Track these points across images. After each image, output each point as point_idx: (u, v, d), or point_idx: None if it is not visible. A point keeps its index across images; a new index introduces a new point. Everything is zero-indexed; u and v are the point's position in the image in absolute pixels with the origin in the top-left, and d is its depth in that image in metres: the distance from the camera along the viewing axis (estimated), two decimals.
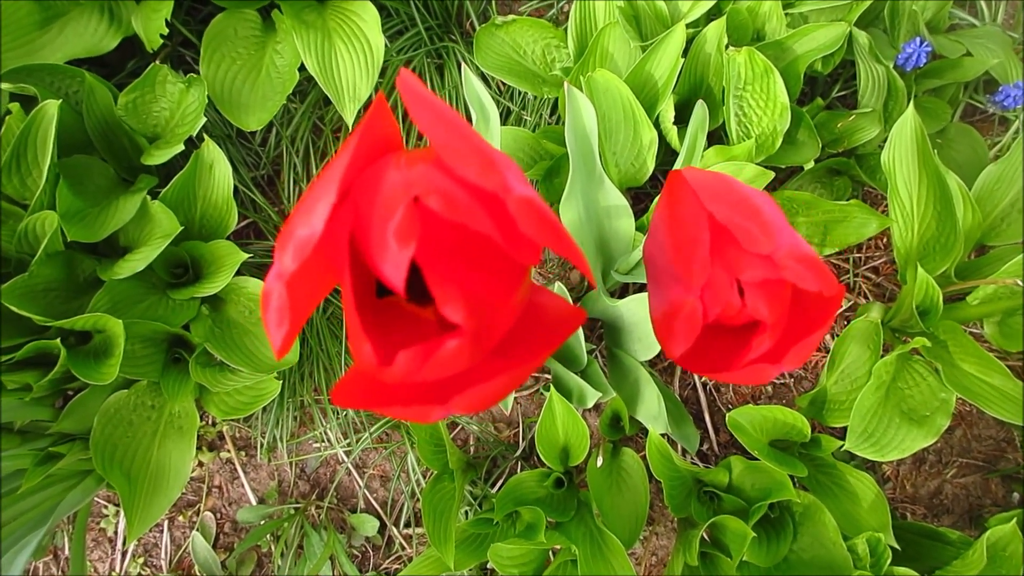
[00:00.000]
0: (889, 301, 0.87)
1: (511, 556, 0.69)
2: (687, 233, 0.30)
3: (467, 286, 0.22)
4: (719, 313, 0.29)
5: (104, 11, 0.76)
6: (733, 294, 0.29)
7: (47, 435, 0.72)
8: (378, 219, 0.21)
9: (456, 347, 0.21)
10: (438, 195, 0.20)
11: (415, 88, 0.22)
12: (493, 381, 0.23)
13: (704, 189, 0.29)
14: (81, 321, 0.66)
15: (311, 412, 0.88)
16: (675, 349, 0.30)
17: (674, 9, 0.77)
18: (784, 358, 0.28)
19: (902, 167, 0.70)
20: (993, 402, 0.67)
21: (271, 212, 0.89)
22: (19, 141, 0.66)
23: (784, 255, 0.27)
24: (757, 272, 0.28)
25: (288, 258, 0.20)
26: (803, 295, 0.29)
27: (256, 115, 0.77)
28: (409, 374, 0.21)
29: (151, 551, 0.90)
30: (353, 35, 0.78)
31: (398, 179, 0.21)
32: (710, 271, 0.29)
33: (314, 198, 0.21)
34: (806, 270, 0.26)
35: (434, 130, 0.21)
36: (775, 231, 0.27)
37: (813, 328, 0.28)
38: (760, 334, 0.28)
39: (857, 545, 0.64)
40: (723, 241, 0.29)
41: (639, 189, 0.85)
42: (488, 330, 0.22)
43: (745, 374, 0.29)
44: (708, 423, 0.86)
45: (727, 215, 0.28)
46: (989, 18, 0.91)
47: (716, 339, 0.31)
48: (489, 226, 0.21)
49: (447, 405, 0.23)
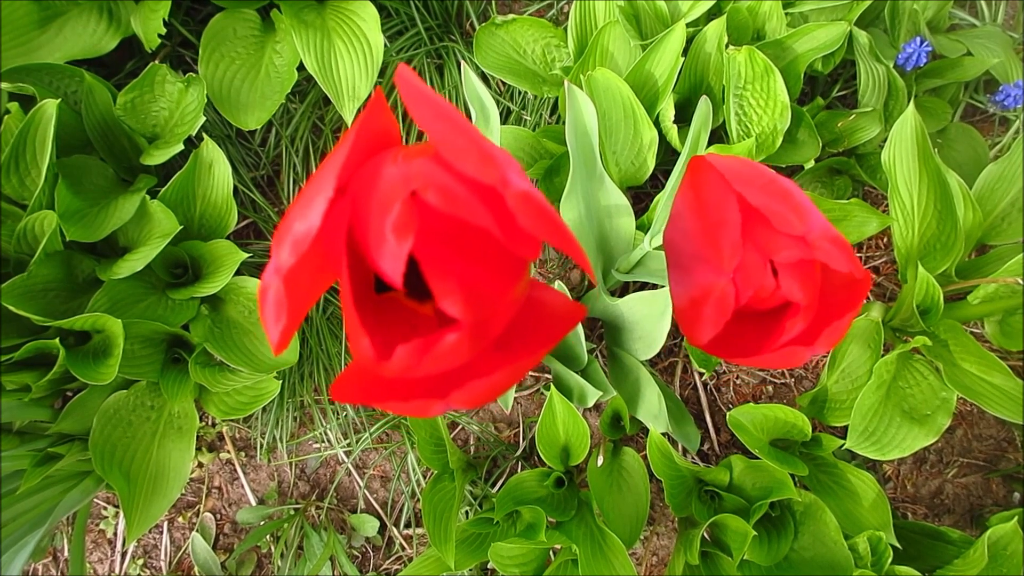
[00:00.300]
0: (890, 300, 0.86)
1: (512, 556, 0.68)
2: (715, 216, 0.30)
3: (465, 280, 0.21)
4: (751, 295, 0.29)
5: (103, 11, 0.76)
6: (767, 275, 0.29)
7: (46, 436, 0.72)
8: (376, 214, 0.21)
9: (454, 341, 0.21)
10: (436, 189, 0.20)
11: (413, 83, 0.22)
12: (492, 376, 0.23)
13: (731, 172, 0.29)
14: (80, 321, 0.65)
15: (311, 412, 0.88)
16: (704, 334, 0.30)
17: (674, 8, 0.77)
18: (817, 340, 0.28)
19: (902, 166, 0.70)
20: (994, 401, 0.67)
21: (271, 212, 0.89)
22: (18, 141, 0.66)
23: (817, 236, 0.27)
24: (791, 252, 0.28)
25: (285, 253, 0.20)
26: (832, 278, 0.29)
27: (255, 114, 0.77)
28: (407, 368, 0.21)
29: (151, 552, 0.89)
30: (352, 35, 0.78)
31: (396, 173, 0.21)
32: (742, 253, 0.29)
33: (311, 193, 0.21)
34: (839, 251, 0.26)
35: (432, 125, 0.21)
36: (807, 212, 0.27)
37: (844, 310, 0.28)
38: (792, 316, 0.28)
39: (858, 544, 0.64)
40: (753, 223, 0.29)
41: (639, 188, 0.85)
42: (487, 324, 0.22)
43: (777, 357, 0.29)
44: (709, 422, 0.86)
45: (758, 197, 0.28)
46: (989, 18, 0.91)
47: (743, 324, 0.30)
48: (487, 220, 0.21)
49: (446, 399, 0.23)
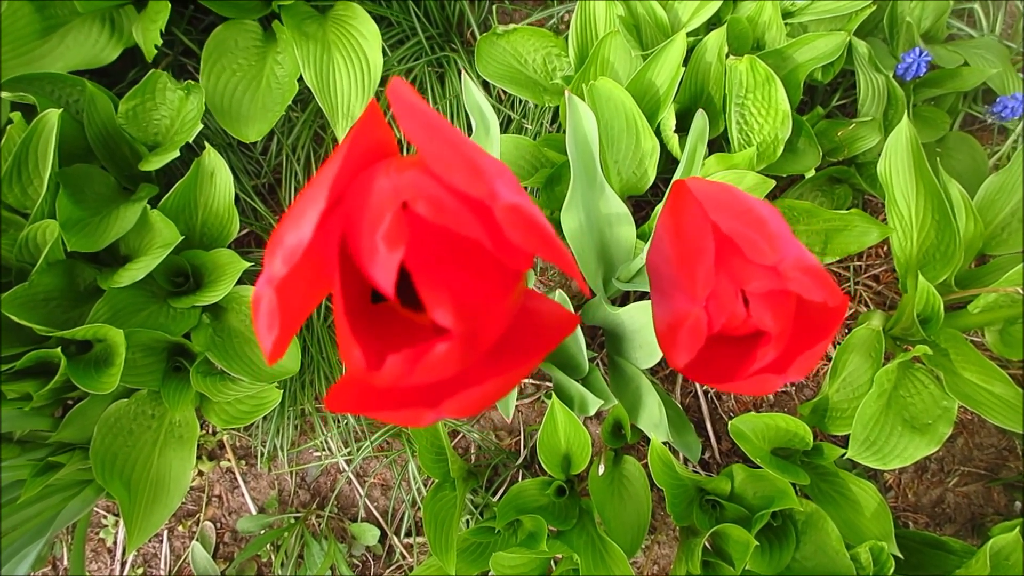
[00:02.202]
0: (890, 309, 0.87)
1: (513, 565, 0.68)
2: (691, 243, 0.30)
3: (457, 290, 0.22)
4: (724, 323, 0.29)
5: (105, 21, 0.76)
6: (738, 304, 0.29)
7: (47, 445, 0.71)
8: (368, 225, 0.21)
9: (445, 351, 0.21)
10: (426, 200, 0.20)
11: (404, 95, 0.22)
12: (485, 385, 0.23)
13: (708, 199, 0.29)
14: (82, 332, 0.65)
15: (312, 421, 0.88)
16: (679, 359, 0.30)
17: (674, 18, 0.77)
18: (789, 368, 0.28)
19: (899, 177, 0.70)
20: (994, 410, 0.67)
21: (272, 220, 0.89)
22: (20, 150, 0.66)
23: (789, 266, 0.27)
24: (762, 283, 0.28)
25: (277, 264, 0.20)
26: (807, 305, 0.29)
27: (256, 126, 0.77)
28: (399, 378, 0.21)
29: (150, 561, 0.89)
30: (352, 50, 0.78)
31: (387, 185, 0.22)
32: (715, 281, 0.29)
33: (304, 204, 0.21)
34: (811, 281, 0.26)
35: (421, 137, 0.22)
36: (780, 242, 0.27)
37: (818, 338, 0.28)
38: (765, 345, 0.28)
39: (860, 554, 0.64)
40: (728, 251, 0.29)
41: (640, 197, 0.85)
42: (479, 334, 0.22)
43: (750, 384, 0.29)
44: (710, 431, 0.86)
45: (732, 225, 0.28)
46: (987, 28, 0.92)
47: (720, 349, 0.31)
48: (478, 231, 0.21)
49: (438, 409, 0.23)
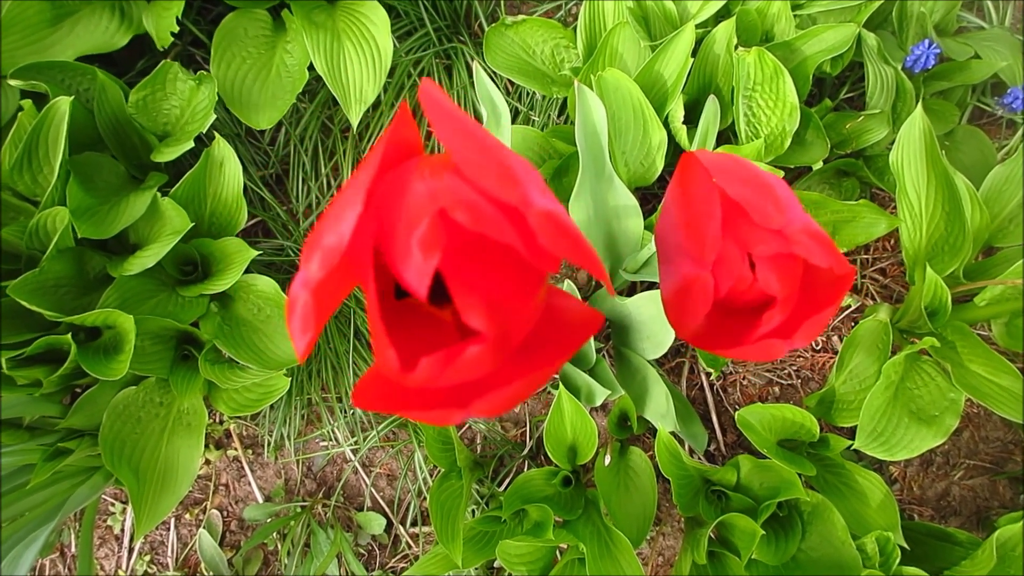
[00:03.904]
0: (897, 303, 0.87)
1: (519, 554, 0.69)
2: (699, 209, 0.30)
3: (489, 294, 0.22)
4: (730, 287, 0.29)
5: (115, 9, 0.76)
6: (745, 267, 0.29)
7: (56, 431, 0.72)
8: (403, 228, 0.21)
9: (478, 353, 0.21)
10: (464, 207, 0.21)
11: (437, 100, 0.22)
12: (513, 385, 0.23)
13: (716, 167, 0.29)
14: (92, 317, 0.66)
15: (318, 410, 0.88)
16: (687, 325, 0.31)
17: (683, 10, 0.77)
18: (795, 334, 0.28)
19: (910, 167, 0.70)
20: (1001, 402, 0.67)
21: (279, 211, 0.89)
22: (31, 138, 0.67)
23: (796, 230, 0.27)
24: (769, 246, 0.28)
25: (315, 266, 0.20)
26: (814, 273, 0.29)
27: (266, 114, 0.77)
28: (431, 379, 0.21)
29: (157, 549, 0.90)
30: (362, 37, 0.79)
31: (423, 190, 0.22)
32: (722, 245, 0.29)
33: (341, 206, 0.21)
34: (817, 246, 0.27)
35: (455, 142, 0.22)
36: (787, 207, 0.27)
37: (824, 305, 0.29)
38: (771, 309, 0.28)
39: (866, 544, 0.64)
40: (735, 217, 0.29)
41: (647, 190, 0.85)
42: (508, 335, 0.23)
43: (756, 349, 0.29)
44: (715, 423, 0.86)
45: (739, 191, 0.28)
46: (997, 20, 0.92)
47: (726, 316, 0.31)
48: (513, 237, 0.21)
49: (467, 409, 0.23)
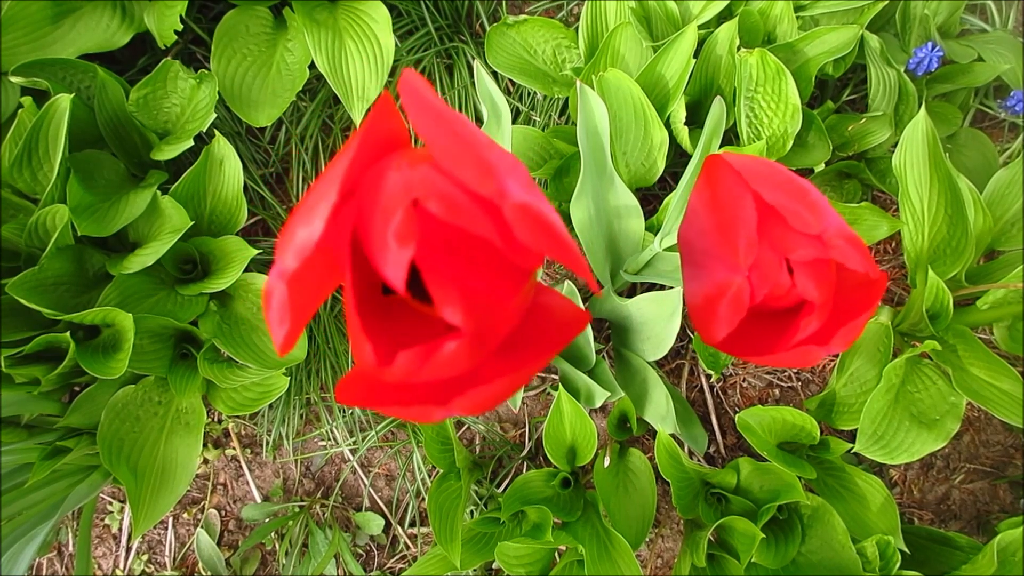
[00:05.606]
0: (898, 305, 0.86)
1: (517, 555, 0.68)
2: (731, 214, 0.30)
3: (467, 288, 0.21)
4: (766, 293, 0.29)
5: (116, 7, 0.76)
6: (782, 273, 0.29)
7: (54, 429, 0.72)
8: (379, 220, 0.21)
9: (455, 349, 0.21)
10: (438, 198, 0.20)
11: (416, 89, 0.22)
12: (495, 383, 0.23)
13: (748, 170, 0.29)
14: (91, 315, 0.66)
15: (317, 410, 0.88)
16: (718, 332, 0.30)
17: (685, 10, 0.77)
18: (831, 340, 0.28)
19: (913, 170, 0.70)
20: (1002, 406, 0.67)
21: (280, 209, 0.89)
22: (31, 135, 0.67)
23: (833, 235, 0.27)
24: (807, 251, 0.28)
25: (289, 257, 0.20)
26: (847, 277, 0.29)
27: (266, 111, 0.77)
28: (409, 374, 0.21)
29: (155, 548, 0.89)
30: (364, 35, 0.78)
31: (398, 180, 0.21)
32: (758, 250, 0.29)
33: (316, 198, 0.21)
34: (854, 250, 0.27)
35: (430, 132, 0.21)
36: (823, 211, 0.27)
37: (860, 311, 0.28)
38: (807, 315, 0.28)
39: (866, 548, 0.64)
40: (769, 221, 0.29)
41: (647, 190, 0.85)
42: (489, 332, 0.22)
43: (792, 356, 0.29)
44: (715, 426, 0.86)
45: (775, 195, 0.28)
46: (1000, 23, 0.91)
47: (758, 322, 0.30)
48: (489, 230, 0.21)
49: (448, 406, 0.23)
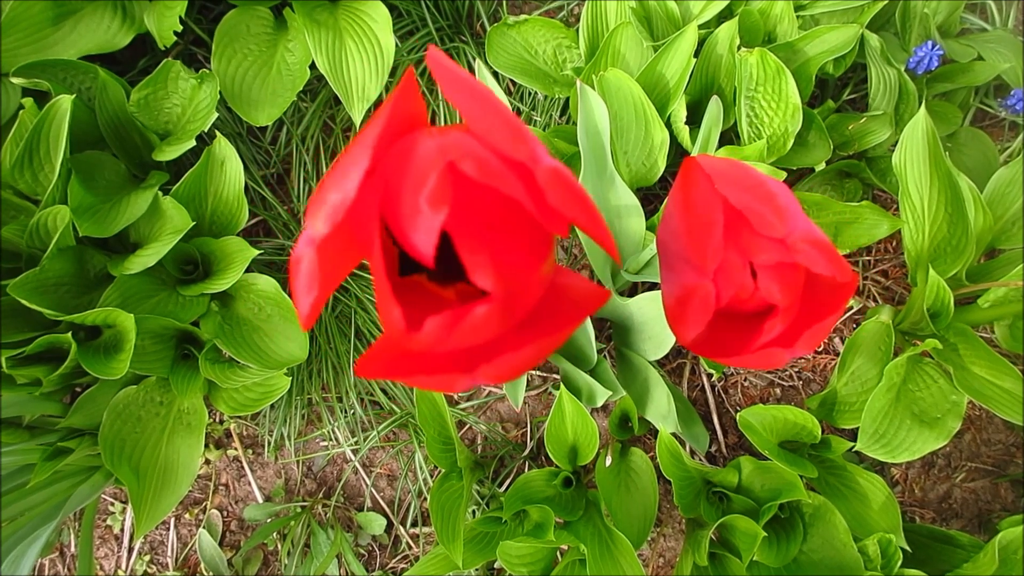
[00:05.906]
0: (899, 304, 0.86)
1: (520, 555, 0.68)
2: (701, 217, 0.30)
3: (497, 254, 0.21)
4: (732, 296, 0.29)
5: (117, 8, 0.76)
6: (746, 276, 0.29)
7: (56, 430, 0.72)
8: (409, 188, 0.21)
9: (485, 313, 0.21)
10: (473, 160, 0.20)
11: (444, 63, 0.22)
12: (520, 351, 0.23)
13: (718, 174, 0.29)
14: (92, 315, 0.66)
15: (319, 410, 0.88)
16: (688, 333, 0.30)
17: (685, 10, 0.77)
18: (797, 342, 0.28)
19: (913, 168, 0.70)
20: (1004, 405, 0.67)
21: (281, 210, 0.89)
22: (32, 136, 0.67)
23: (798, 239, 0.27)
24: (770, 255, 0.28)
25: (320, 222, 0.20)
26: (816, 281, 0.29)
27: (266, 111, 0.77)
28: (438, 341, 0.21)
29: (157, 549, 0.89)
30: (364, 35, 0.79)
31: (432, 145, 0.21)
32: (723, 254, 0.29)
33: (346, 165, 0.21)
34: (819, 254, 0.26)
35: (464, 101, 0.22)
36: (789, 215, 0.27)
37: (826, 313, 0.28)
38: (772, 318, 0.28)
39: (868, 546, 0.64)
40: (737, 225, 0.29)
41: (648, 190, 0.85)
42: (516, 299, 0.22)
43: (757, 358, 0.29)
44: (716, 425, 0.86)
45: (741, 199, 0.28)
46: (1000, 22, 0.91)
47: (729, 325, 0.31)
48: (521, 192, 0.21)
49: (473, 374, 0.23)
